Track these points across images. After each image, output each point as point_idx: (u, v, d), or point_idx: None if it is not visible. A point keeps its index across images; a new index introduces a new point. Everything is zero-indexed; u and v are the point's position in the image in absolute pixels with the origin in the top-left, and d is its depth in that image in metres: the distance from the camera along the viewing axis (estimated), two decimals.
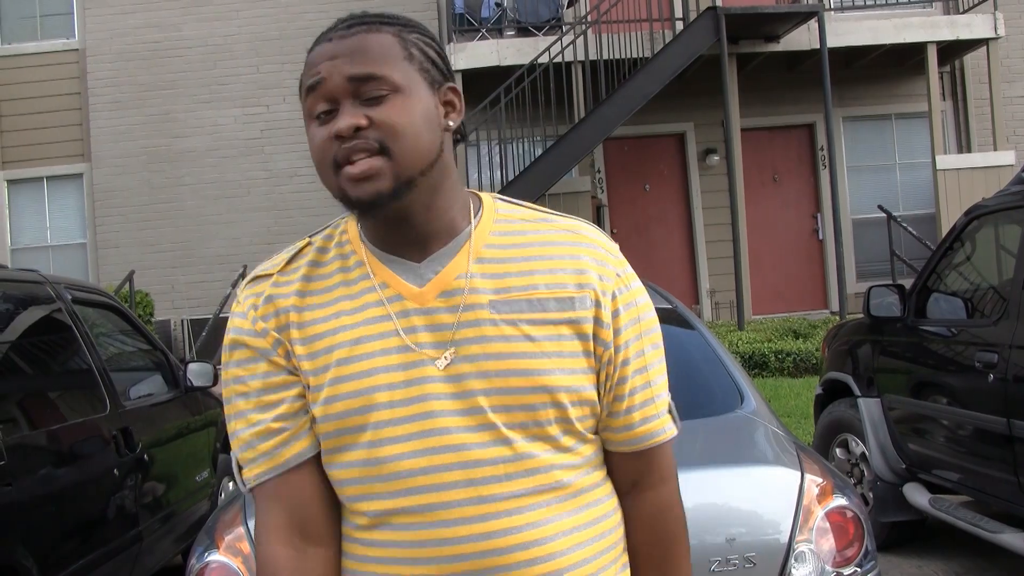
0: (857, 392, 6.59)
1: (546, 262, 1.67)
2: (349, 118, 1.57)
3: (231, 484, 7.28)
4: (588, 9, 14.74)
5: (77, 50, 15.53)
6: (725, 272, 14.25)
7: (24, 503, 4.24)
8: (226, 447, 7.50)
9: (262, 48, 15.43)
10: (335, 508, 1.68)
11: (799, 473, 3.41)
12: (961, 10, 15.01)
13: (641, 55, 13.52)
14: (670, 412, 1.76)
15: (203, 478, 6.76)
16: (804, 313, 14.82)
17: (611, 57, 13.41)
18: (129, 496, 5.26)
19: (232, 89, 15.40)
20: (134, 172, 15.27)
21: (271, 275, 1.74)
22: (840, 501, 3.35)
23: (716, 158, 15.17)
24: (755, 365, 11.70)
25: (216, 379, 6.99)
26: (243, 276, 12.90)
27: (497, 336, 1.61)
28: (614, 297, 1.68)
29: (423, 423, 1.58)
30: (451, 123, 1.70)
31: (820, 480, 3.42)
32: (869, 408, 6.42)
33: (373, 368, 1.61)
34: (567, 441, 1.64)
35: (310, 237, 1.79)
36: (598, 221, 14.23)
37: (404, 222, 1.65)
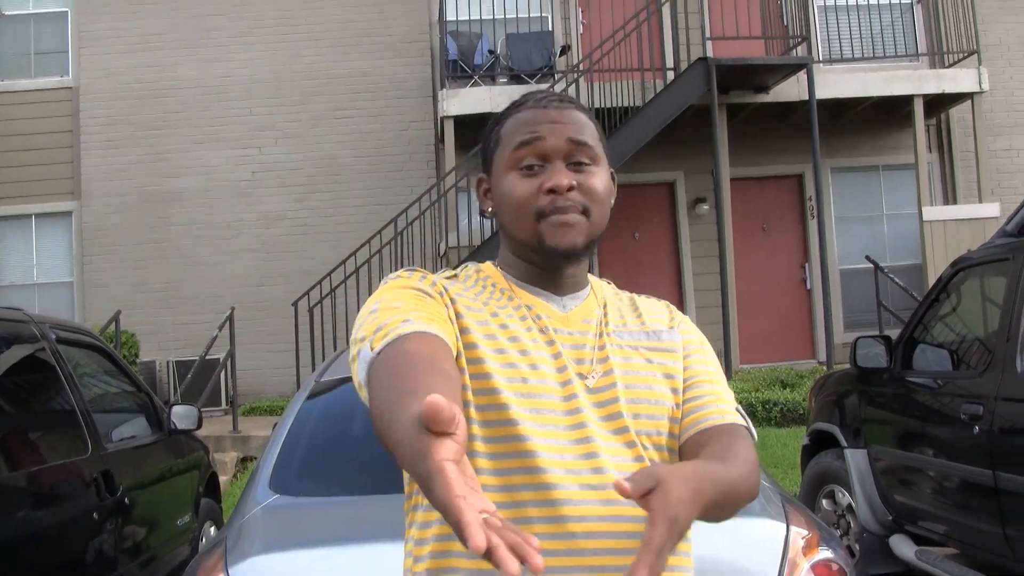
0: (844, 443, 6.59)
1: (644, 309, 2.02)
2: (565, 177, 1.82)
3: (212, 529, 7.23)
4: (580, 57, 14.84)
5: (71, 88, 15.54)
6: (713, 321, 14.25)
7: (2, 545, 4.20)
8: (208, 492, 7.46)
9: (256, 91, 15.47)
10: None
11: (784, 525, 3.39)
12: (947, 64, 15.14)
13: (632, 104, 13.58)
14: (740, 415, 1.93)
15: (184, 522, 6.71)
16: (791, 363, 14.82)
17: (603, 105, 13.46)
18: (109, 540, 5.21)
19: (225, 131, 15.42)
20: (124, 211, 15.25)
21: (429, 274, 1.90)
22: (826, 554, 3.33)
23: (706, 207, 15.21)
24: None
25: (200, 423, 6.96)
26: (230, 319, 12.87)
27: (629, 358, 1.89)
28: (686, 333, 2.01)
29: (575, 418, 1.77)
30: (611, 200, 1.94)
31: (806, 532, 3.40)
32: (856, 459, 6.42)
33: (536, 364, 1.79)
34: (670, 457, 1.86)
35: (455, 271, 2.00)
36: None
37: (562, 271, 1.91)
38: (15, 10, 15.60)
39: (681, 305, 15.19)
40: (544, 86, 13.40)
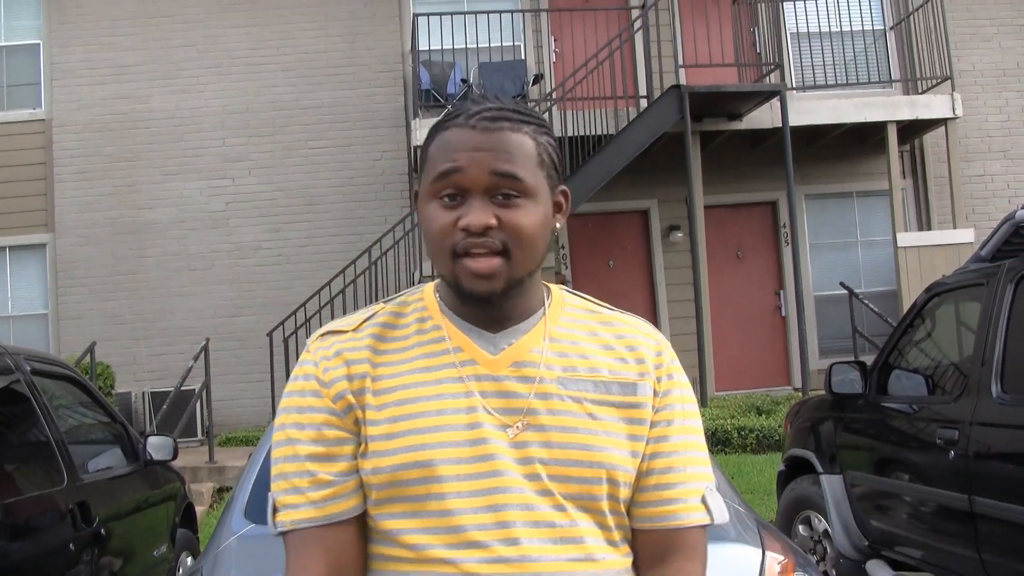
0: (819, 469, 6.60)
1: (610, 351, 1.79)
2: (481, 215, 1.65)
3: (189, 559, 7.19)
4: (553, 86, 14.89)
5: (43, 120, 15.49)
6: (688, 348, 14.26)
7: None
8: (184, 522, 7.42)
9: (229, 121, 15.46)
10: (365, 559, 1.73)
11: (760, 550, 3.40)
12: (920, 91, 15.26)
13: (606, 132, 13.63)
14: (704, 502, 1.77)
15: (161, 553, 6.66)
16: (767, 389, 14.86)
17: (576, 134, 13.51)
18: (85, 571, 5.17)
19: (198, 162, 15.40)
20: (98, 243, 15.20)
21: (345, 332, 1.79)
22: None
23: (680, 234, 15.26)
24: (718, 442, 11.69)
25: (175, 453, 6.93)
26: (205, 350, 12.83)
27: (563, 411, 1.70)
28: (666, 386, 1.79)
29: (491, 481, 1.64)
30: (557, 224, 1.80)
31: (781, 558, 3.41)
32: (832, 485, 6.43)
33: (443, 424, 1.66)
34: (611, 520, 1.71)
35: (384, 303, 1.86)
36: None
37: (495, 306, 1.74)
38: None
39: None
40: None
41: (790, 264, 14.63)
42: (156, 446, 6.71)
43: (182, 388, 12.34)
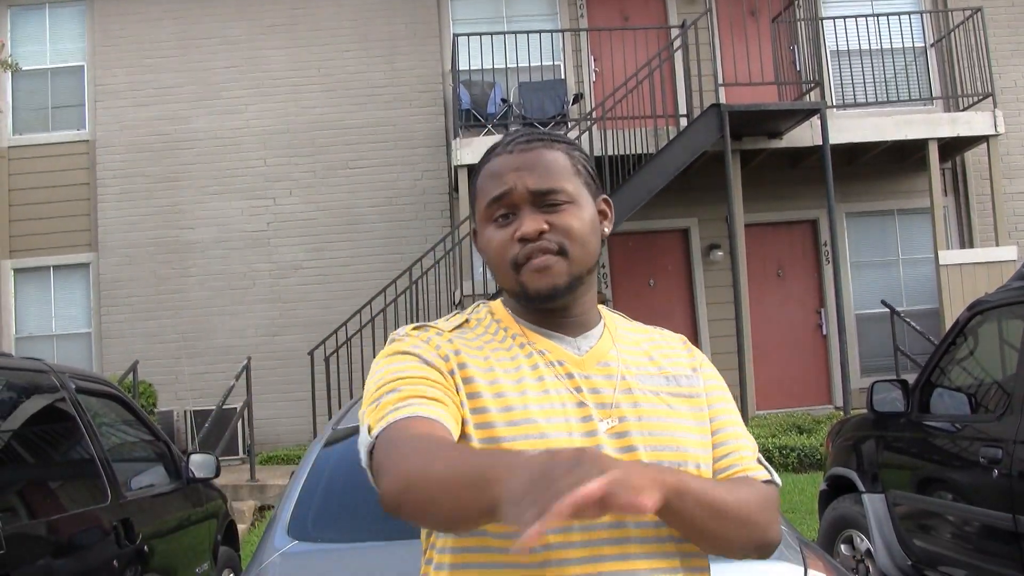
0: (862, 488, 6.56)
1: (663, 351, 1.97)
2: (533, 223, 1.81)
3: None
4: (593, 105, 14.90)
5: (87, 141, 15.67)
6: (729, 367, 14.20)
7: None
8: (226, 540, 7.46)
9: (270, 142, 15.57)
10: None
11: (802, 569, 3.38)
12: (961, 108, 15.17)
13: (646, 151, 13.62)
14: (760, 462, 1.91)
15: (203, 570, 6.70)
16: (808, 408, 14.77)
17: (616, 153, 13.51)
18: None
19: (240, 182, 15.52)
20: (140, 263, 15.34)
21: (438, 328, 1.91)
22: None
23: (720, 253, 15.22)
24: None
25: (218, 471, 6.97)
26: (247, 368, 12.89)
27: (646, 403, 1.83)
28: (707, 376, 1.97)
29: None
30: (606, 229, 1.96)
31: None
32: (874, 504, 6.39)
33: (552, 416, 1.76)
34: None
35: (463, 314, 1.98)
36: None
37: (565, 311, 1.89)
38: (33, 65, 15.76)
39: None
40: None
41: (831, 282, 14.57)
42: (198, 464, 6.76)
43: (224, 407, 12.41)
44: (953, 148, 15.05)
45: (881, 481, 6.40)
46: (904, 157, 15.27)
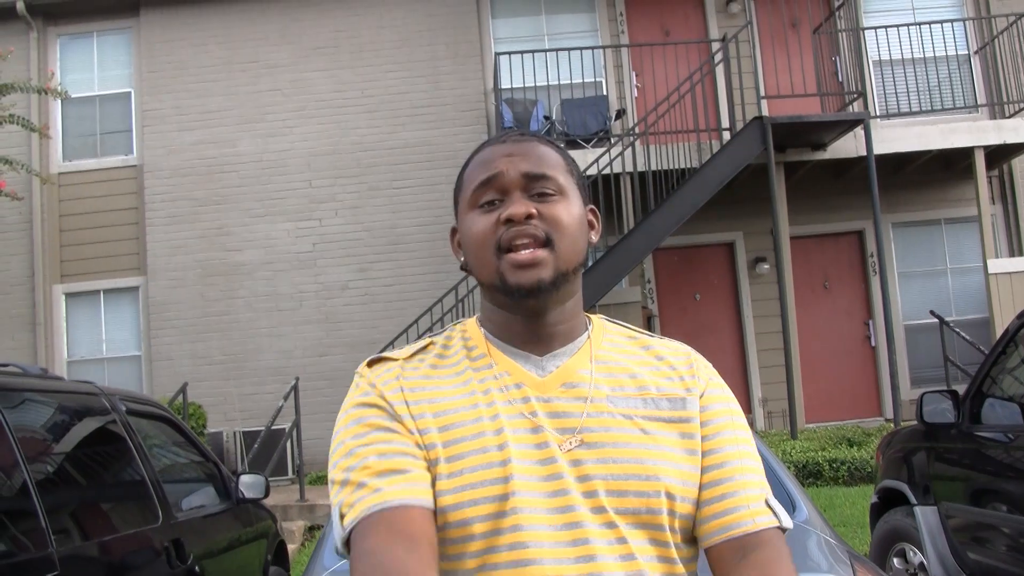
0: (913, 500, 6.50)
1: (654, 370, 1.82)
2: (522, 206, 1.72)
3: None
4: (636, 121, 14.90)
5: (135, 166, 15.86)
6: (777, 380, 14.16)
7: None
8: (277, 560, 7.49)
9: (315, 163, 15.68)
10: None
11: None
12: (1007, 115, 15.05)
13: (689, 165, 13.59)
14: (768, 505, 1.74)
15: None
16: (857, 420, 14.67)
17: (659, 168, 13.51)
18: None
19: (285, 204, 15.63)
20: (188, 285, 15.48)
21: (397, 360, 1.81)
22: None
23: (766, 266, 15.17)
24: (809, 474, 11.56)
25: (267, 492, 7.01)
26: (295, 389, 12.95)
27: (615, 427, 1.69)
28: (710, 399, 1.80)
29: (558, 500, 1.63)
30: (593, 237, 1.87)
31: None
32: (926, 516, 6.33)
33: (504, 442, 1.65)
34: (670, 536, 1.68)
35: (431, 337, 1.88)
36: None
37: (541, 317, 1.76)
38: (81, 92, 15.98)
39: (744, 365, 15.12)
40: (600, 151, 13.48)
41: (878, 293, 14.48)
42: (248, 484, 6.80)
43: (273, 427, 12.48)
44: (1000, 155, 14.92)
45: (933, 493, 6.34)
46: (950, 166, 15.17)
